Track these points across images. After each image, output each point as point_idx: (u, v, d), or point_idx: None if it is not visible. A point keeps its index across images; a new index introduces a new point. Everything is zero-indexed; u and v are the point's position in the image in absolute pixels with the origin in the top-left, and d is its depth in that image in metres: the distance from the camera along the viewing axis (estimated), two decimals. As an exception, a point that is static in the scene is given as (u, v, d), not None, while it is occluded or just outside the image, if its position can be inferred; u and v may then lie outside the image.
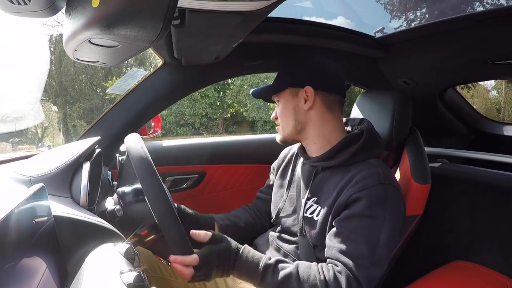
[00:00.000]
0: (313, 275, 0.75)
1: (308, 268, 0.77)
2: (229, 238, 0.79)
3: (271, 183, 1.11)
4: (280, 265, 0.78)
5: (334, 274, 0.75)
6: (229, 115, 12.06)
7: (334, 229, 0.80)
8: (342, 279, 0.74)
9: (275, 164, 1.12)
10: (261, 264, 0.76)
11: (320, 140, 0.91)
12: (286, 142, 0.97)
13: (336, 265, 0.76)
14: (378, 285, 0.88)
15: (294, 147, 1.08)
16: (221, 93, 11.70)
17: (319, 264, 0.79)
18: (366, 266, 0.74)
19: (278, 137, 0.97)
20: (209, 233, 0.77)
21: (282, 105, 0.94)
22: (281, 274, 0.76)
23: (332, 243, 0.79)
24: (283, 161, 1.09)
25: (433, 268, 0.97)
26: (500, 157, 1.06)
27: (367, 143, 0.88)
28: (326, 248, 0.81)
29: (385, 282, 0.91)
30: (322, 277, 0.75)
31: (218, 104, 11.62)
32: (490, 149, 1.17)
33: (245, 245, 0.80)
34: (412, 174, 0.97)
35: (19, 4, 0.43)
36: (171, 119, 11.45)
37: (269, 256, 0.79)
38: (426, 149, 1.07)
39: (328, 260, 0.79)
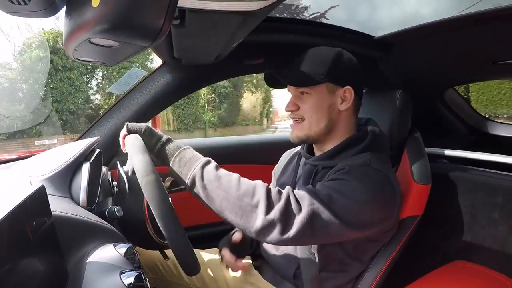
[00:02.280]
0: (255, 181, 0.74)
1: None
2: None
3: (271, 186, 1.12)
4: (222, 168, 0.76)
5: (279, 190, 0.73)
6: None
7: None
8: (284, 195, 0.72)
9: (275, 169, 1.12)
10: (204, 157, 0.76)
11: (339, 142, 0.88)
12: (305, 142, 0.90)
13: (287, 189, 0.75)
14: (377, 285, 0.88)
15: (297, 149, 1.08)
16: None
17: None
18: (313, 202, 0.71)
19: (297, 133, 0.88)
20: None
21: (315, 100, 0.84)
22: (224, 170, 0.75)
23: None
24: (283, 163, 1.09)
25: (433, 268, 0.97)
26: (500, 157, 1.06)
27: (371, 145, 0.86)
28: None
29: (386, 282, 0.91)
30: (263, 185, 0.73)
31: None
32: (490, 149, 1.17)
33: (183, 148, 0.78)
34: (412, 174, 0.97)
35: (19, 4, 0.43)
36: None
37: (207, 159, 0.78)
38: (426, 149, 1.07)
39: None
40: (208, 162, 0.75)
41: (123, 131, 0.76)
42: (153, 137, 0.76)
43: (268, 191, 0.72)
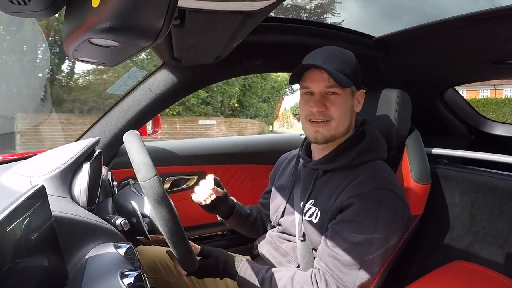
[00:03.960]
0: (308, 286, 0.77)
1: (304, 277, 0.79)
2: (219, 253, 0.86)
3: (269, 189, 1.12)
4: (277, 275, 0.81)
5: (326, 282, 0.76)
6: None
7: (328, 232, 0.80)
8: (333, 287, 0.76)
9: (271, 173, 1.12)
10: (259, 277, 0.81)
11: (339, 143, 0.89)
12: (328, 142, 0.87)
13: (327, 273, 0.77)
14: (376, 285, 0.88)
15: (293, 152, 1.08)
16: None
17: (313, 272, 0.79)
18: (355, 274, 0.75)
19: (324, 133, 0.84)
20: (198, 247, 0.84)
21: (344, 101, 0.84)
22: (279, 285, 0.79)
23: (325, 246, 0.79)
24: (280, 167, 1.09)
25: (433, 268, 0.96)
26: (500, 157, 1.06)
27: (369, 145, 0.87)
28: (319, 248, 0.82)
29: (385, 282, 0.91)
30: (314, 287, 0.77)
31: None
32: (490, 149, 1.17)
33: (243, 262, 0.85)
34: (412, 174, 0.97)
35: (19, 4, 0.43)
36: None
37: (266, 268, 0.83)
38: (426, 149, 1.07)
39: (320, 262, 0.80)
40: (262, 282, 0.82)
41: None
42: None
43: None
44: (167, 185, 1.40)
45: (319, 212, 0.85)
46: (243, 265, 0.84)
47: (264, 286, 0.81)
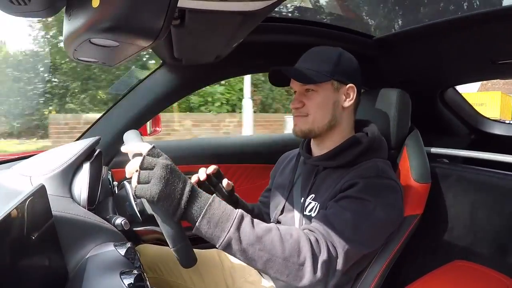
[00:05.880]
0: (296, 234, 0.71)
1: (289, 228, 0.73)
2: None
3: (269, 187, 1.12)
4: (256, 220, 0.70)
5: (315, 238, 0.73)
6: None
7: (326, 208, 0.81)
8: (323, 244, 0.72)
9: (273, 171, 1.13)
10: (237, 212, 0.66)
11: (339, 141, 0.89)
12: (307, 136, 0.91)
13: (317, 232, 0.75)
14: (376, 285, 0.88)
15: (294, 151, 1.08)
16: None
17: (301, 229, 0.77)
18: (344, 240, 0.73)
19: (300, 126, 0.88)
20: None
21: (320, 96, 0.86)
22: (261, 226, 0.68)
23: (319, 216, 0.79)
24: (281, 165, 1.09)
25: (433, 268, 0.97)
26: (500, 156, 1.06)
27: (371, 146, 0.87)
28: (312, 219, 0.80)
29: (385, 282, 0.91)
30: (305, 237, 0.71)
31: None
32: (490, 149, 1.18)
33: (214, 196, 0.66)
34: (412, 173, 0.98)
35: (19, 4, 0.43)
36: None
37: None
38: (426, 148, 1.07)
39: (308, 226, 0.78)
40: (241, 220, 0.66)
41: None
42: (172, 199, 0.61)
43: (311, 245, 0.71)
44: None
45: (318, 205, 0.85)
46: (215, 199, 0.65)
47: (244, 224, 0.65)
